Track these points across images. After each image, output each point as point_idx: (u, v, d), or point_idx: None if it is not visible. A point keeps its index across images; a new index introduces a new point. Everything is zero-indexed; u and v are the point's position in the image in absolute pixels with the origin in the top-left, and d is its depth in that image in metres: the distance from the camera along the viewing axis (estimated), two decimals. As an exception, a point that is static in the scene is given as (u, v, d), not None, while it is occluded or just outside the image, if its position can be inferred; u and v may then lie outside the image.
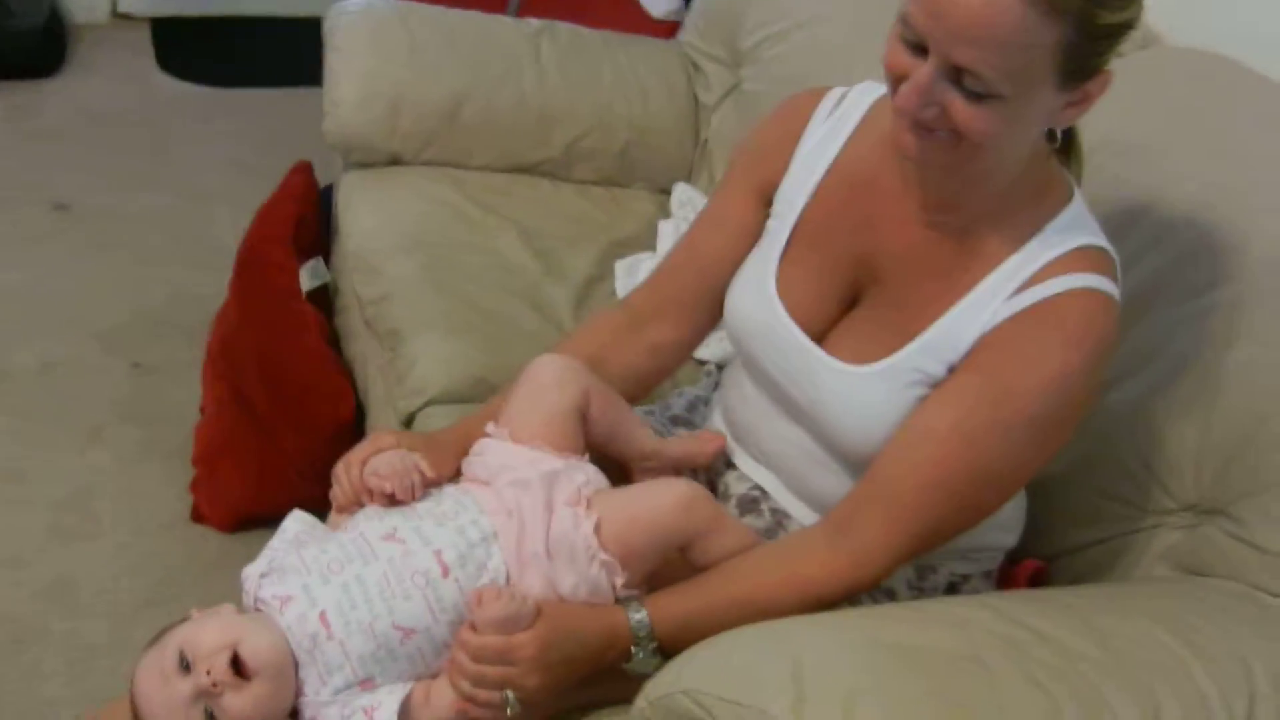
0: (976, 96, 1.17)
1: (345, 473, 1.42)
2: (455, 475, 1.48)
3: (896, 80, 1.22)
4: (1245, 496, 1.45)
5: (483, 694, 1.27)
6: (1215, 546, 1.47)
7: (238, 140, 3.56)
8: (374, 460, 1.41)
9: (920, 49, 1.18)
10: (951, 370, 1.35)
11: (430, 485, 1.42)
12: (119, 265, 2.97)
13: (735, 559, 1.39)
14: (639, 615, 1.32)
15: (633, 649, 1.33)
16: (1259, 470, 1.43)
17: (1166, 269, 1.56)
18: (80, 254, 2.99)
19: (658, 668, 1.30)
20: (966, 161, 1.24)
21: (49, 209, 3.13)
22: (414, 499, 1.40)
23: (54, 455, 2.40)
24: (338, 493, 1.44)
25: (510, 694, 1.27)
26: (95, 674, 2.00)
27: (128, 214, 3.16)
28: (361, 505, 1.41)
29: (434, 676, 1.33)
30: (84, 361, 2.64)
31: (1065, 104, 1.22)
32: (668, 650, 1.32)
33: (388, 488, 1.37)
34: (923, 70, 1.18)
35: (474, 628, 1.27)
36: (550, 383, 1.46)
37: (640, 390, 1.62)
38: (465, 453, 1.48)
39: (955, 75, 1.17)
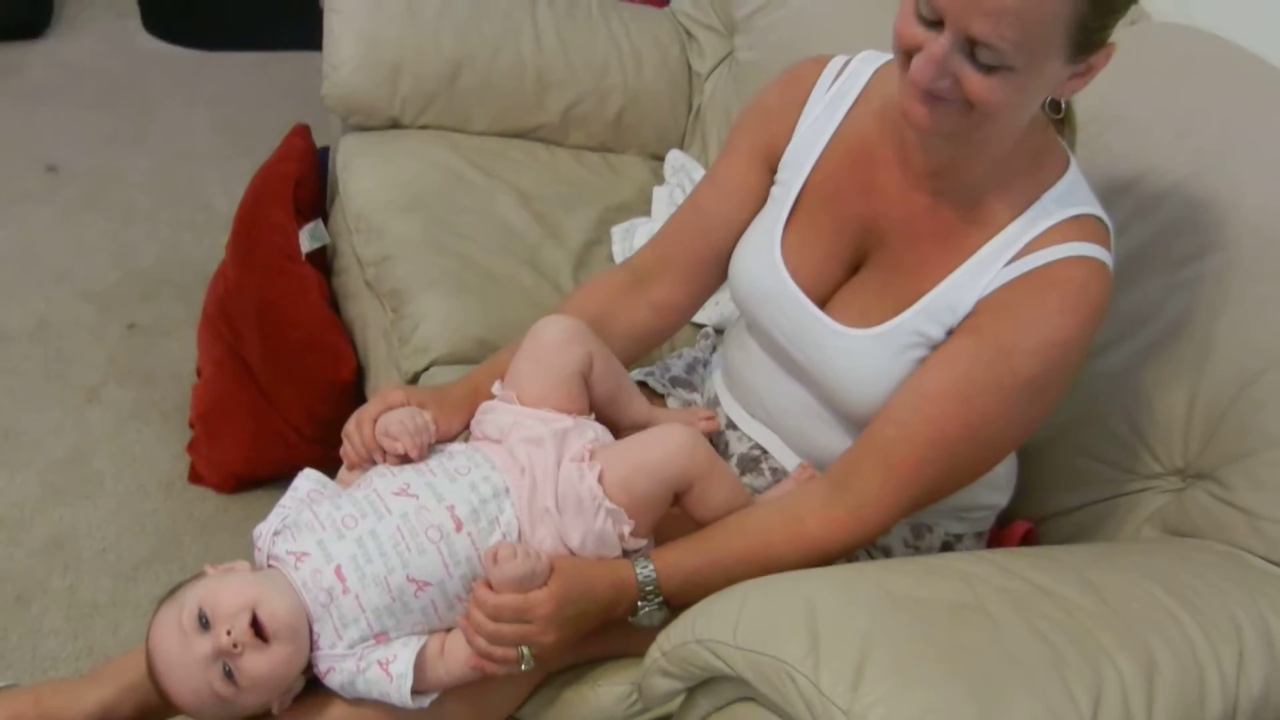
0: (989, 68, 1.19)
1: (357, 430, 1.43)
2: (463, 432, 1.50)
3: (908, 52, 1.24)
4: (1231, 460, 1.48)
5: (499, 650, 1.29)
6: (1202, 509, 1.50)
7: (225, 103, 3.56)
8: (385, 419, 1.41)
9: (933, 22, 1.20)
10: (950, 333, 1.39)
11: (440, 439, 1.44)
12: (110, 225, 2.97)
13: (738, 515, 1.42)
14: (645, 569, 1.35)
15: (639, 603, 1.36)
16: (1244, 435, 1.47)
17: (1155, 237, 1.59)
18: (71, 214, 2.99)
19: (664, 621, 1.34)
20: (973, 129, 1.27)
21: (39, 169, 3.12)
22: (425, 457, 1.41)
23: (50, 416, 2.42)
24: (349, 450, 1.45)
25: (525, 649, 1.29)
26: (95, 630, 2.02)
27: (118, 175, 3.16)
28: (373, 463, 1.43)
29: (446, 630, 1.35)
30: (78, 322, 2.65)
31: (1071, 75, 1.25)
32: (673, 604, 1.36)
33: (400, 448, 1.39)
34: (938, 42, 1.20)
35: (489, 585, 1.30)
36: (555, 344, 1.47)
37: (641, 349, 1.64)
38: (473, 408, 1.49)
39: (969, 47, 1.19)
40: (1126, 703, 1.13)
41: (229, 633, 1.25)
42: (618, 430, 1.55)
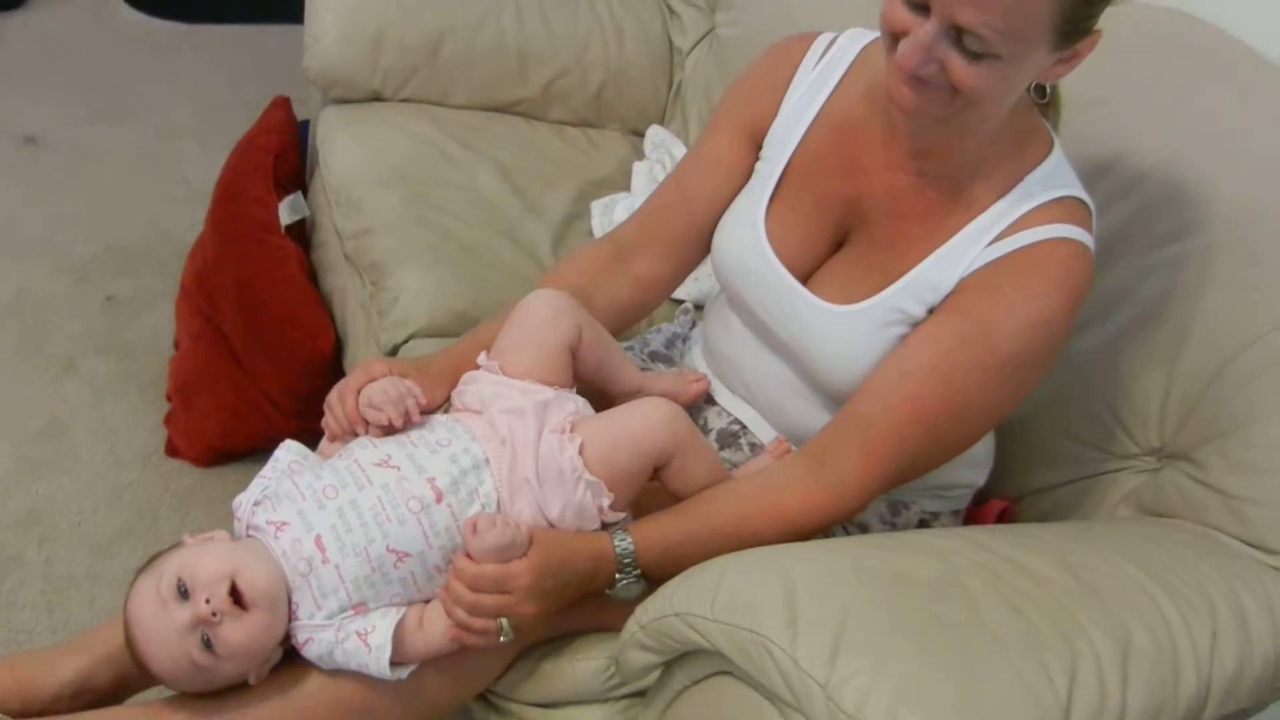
0: (975, 55, 1.20)
1: (340, 402, 1.43)
2: (445, 404, 1.50)
3: (895, 36, 1.25)
4: (1207, 441, 1.49)
5: (478, 622, 1.29)
6: (1178, 490, 1.51)
7: (205, 76, 3.54)
8: (367, 389, 1.41)
9: (921, 7, 1.20)
10: (931, 311, 1.39)
11: (423, 412, 1.44)
12: (89, 198, 2.95)
13: (716, 489, 1.43)
14: (624, 542, 1.35)
15: (616, 575, 1.36)
16: (1220, 416, 1.47)
17: (1134, 219, 1.60)
18: (50, 187, 2.97)
19: (641, 595, 1.35)
20: (959, 113, 1.27)
21: (18, 142, 3.10)
22: (407, 424, 1.41)
23: (27, 387, 2.40)
24: (331, 421, 1.45)
25: (504, 621, 1.29)
26: (71, 604, 2.02)
27: (96, 148, 3.14)
28: (355, 435, 1.43)
29: (425, 602, 1.35)
30: (56, 294, 2.64)
31: (1056, 61, 1.26)
32: (650, 577, 1.36)
33: (383, 418, 1.38)
34: (924, 29, 1.20)
35: (469, 556, 1.30)
36: (544, 317, 1.47)
37: (623, 322, 1.64)
38: (455, 380, 1.49)
39: (955, 35, 1.19)
40: (1101, 678, 1.14)
41: (208, 601, 1.25)
42: (610, 399, 1.56)
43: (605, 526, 1.39)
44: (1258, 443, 1.43)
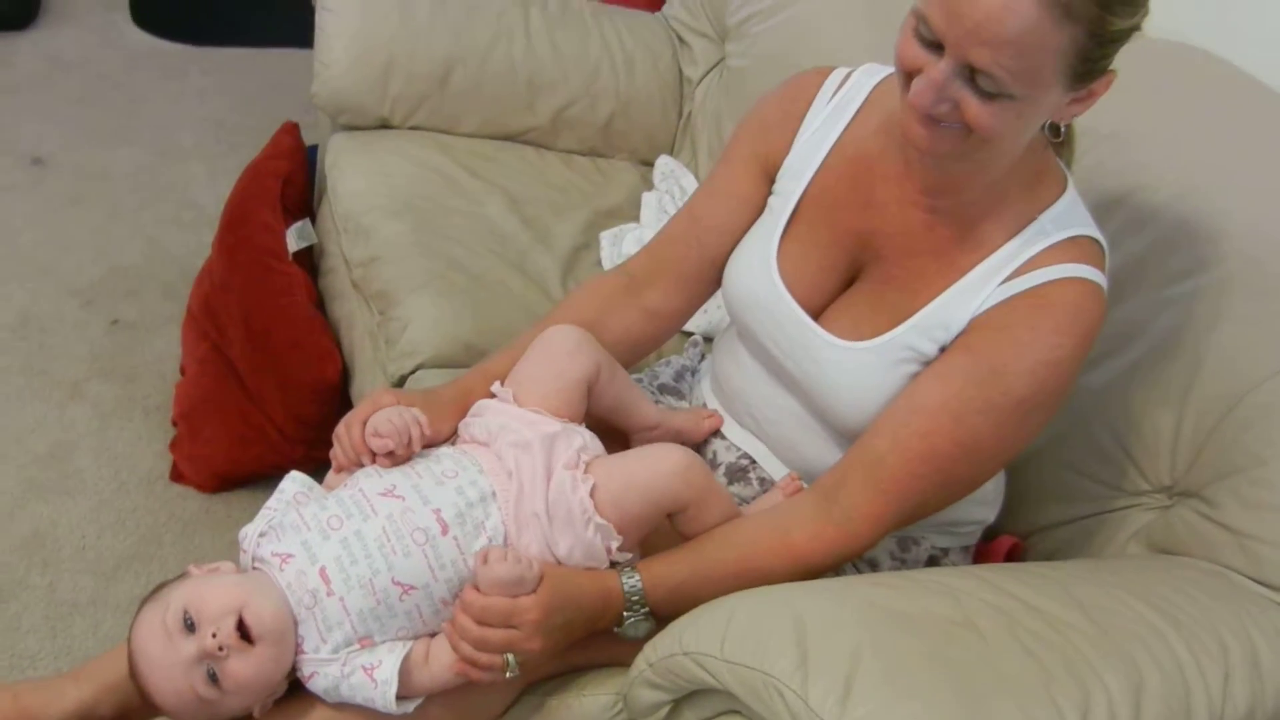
0: (989, 95, 1.20)
1: (346, 433, 1.42)
2: (452, 436, 1.50)
3: (909, 74, 1.25)
4: (1219, 479, 1.48)
5: (484, 657, 1.28)
6: (1188, 527, 1.50)
7: (213, 98, 3.54)
8: (373, 419, 1.41)
9: (934, 45, 1.20)
10: (943, 350, 1.39)
11: (429, 443, 1.43)
12: (95, 220, 2.95)
13: (726, 526, 1.42)
14: (632, 581, 1.34)
15: (624, 614, 1.35)
16: (1232, 453, 1.46)
17: (1145, 254, 1.59)
18: (56, 208, 2.97)
19: (649, 633, 1.34)
20: (973, 152, 1.27)
21: (24, 162, 3.10)
22: (414, 453, 1.40)
23: (32, 411, 2.40)
24: (338, 452, 1.44)
25: (511, 657, 1.28)
26: (74, 629, 2.01)
27: (103, 169, 3.14)
28: (362, 465, 1.42)
29: (431, 635, 1.34)
30: (61, 317, 2.63)
31: (1071, 100, 1.26)
32: (658, 615, 1.35)
33: (388, 445, 1.38)
34: (938, 68, 1.20)
35: (477, 589, 1.29)
36: (566, 350, 1.47)
37: (634, 355, 1.64)
38: (464, 411, 1.49)
39: (969, 74, 1.19)
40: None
41: (214, 635, 1.24)
42: (627, 434, 1.56)
43: (613, 564, 1.38)
44: (1271, 480, 1.42)
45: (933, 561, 1.57)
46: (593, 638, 1.37)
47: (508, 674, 1.29)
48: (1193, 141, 1.63)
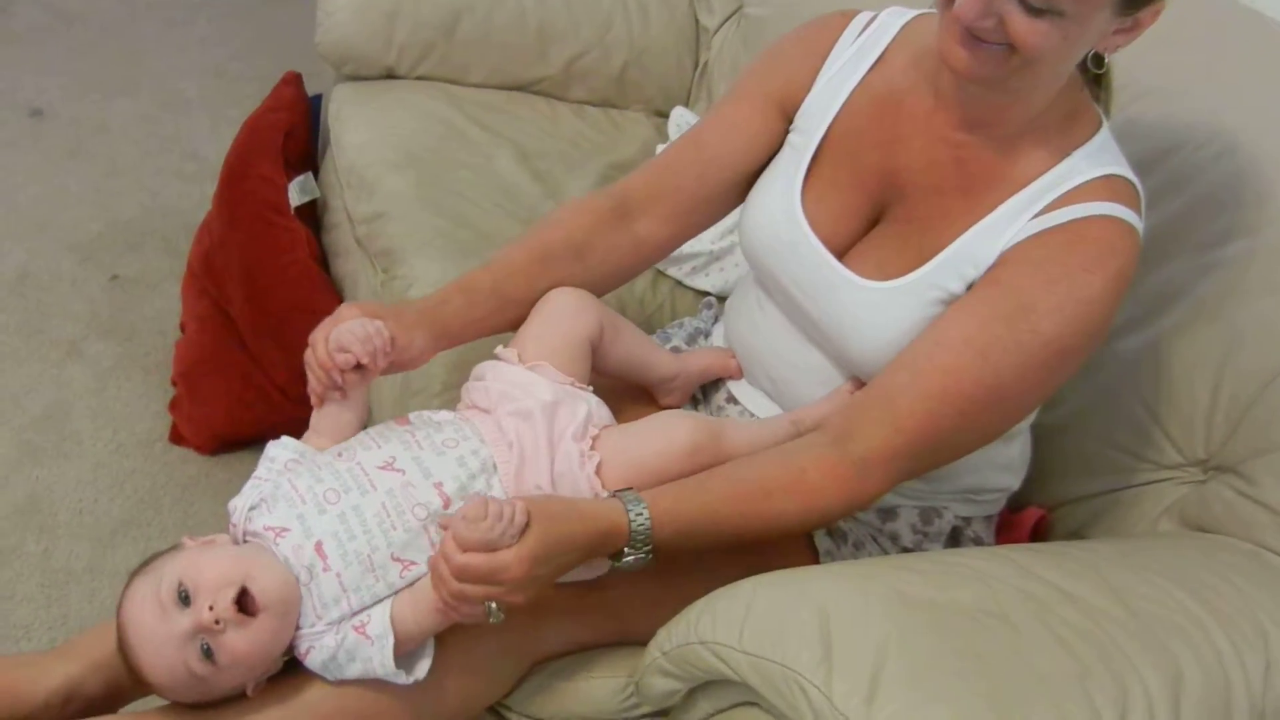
0: (1037, 11, 1.17)
1: (312, 353, 1.37)
2: (423, 348, 1.44)
3: None
4: (1257, 455, 1.43)
5: (465, 606, 1.22)
6: (1224, 504, 1.46)
7: (216, 47, 3.49)
8: (335, 332, 1.36)
9: None
10: (970, 287, 1.34)
11: (399, 355, 1.39)
12: (95, 173, 2.90)
13: (736, 462, 1.36)
14: (641, 517, 1.26)
15: (625, 550, 1.27)
16: (1271, 428, 1.42)
17: (1184, 215, 1.54)
18: (55, 161, 2.92)
19: (645, 567, 1.28)
20: (1013, 75, 1.24)
21: (23, 114, 3.05)
22: (380, 365, 1.36)
23: (29, 370, 2.35)
24: (312, 380, 1.38)
25: (493, 604, 1.21)
26: (70, 598, 1.97)
27: (104, 121, 3.09)
28: (336, 387, 1.37)
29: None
30: (60, 273, 2.59)
31: (1116, 29, 1.23)
32: (660, 552, 1.28)
33: (351, 359, 1.34)
34: None
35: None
36: (568, 310, 1.46)
37: (615, 282, 1.59)
38: (434, 323, 1.44)
39: None
40: (1152, 718, 1.08)
41: (211, 608, 1.20)
42: (650, 390, 1.56)
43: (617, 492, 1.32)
44: (1312, 460, 1.37)
45: (955, 532, 1.52)
46: (606, 617, 1.36)
47: (491, 619, 1.22)
48: (1238, 102, 1.57)
